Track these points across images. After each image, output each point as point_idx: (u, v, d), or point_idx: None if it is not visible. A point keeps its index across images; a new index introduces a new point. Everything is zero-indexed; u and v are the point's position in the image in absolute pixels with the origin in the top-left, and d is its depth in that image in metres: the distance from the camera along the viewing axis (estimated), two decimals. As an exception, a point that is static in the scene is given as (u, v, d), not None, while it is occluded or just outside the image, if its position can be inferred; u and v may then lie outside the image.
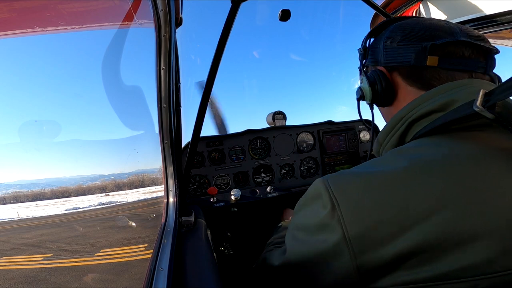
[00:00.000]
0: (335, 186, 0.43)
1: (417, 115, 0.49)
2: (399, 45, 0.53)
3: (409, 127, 0.51)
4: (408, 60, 0.52)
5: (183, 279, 0.65)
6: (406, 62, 0.52)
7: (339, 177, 0.45)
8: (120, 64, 0.95)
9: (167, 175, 1.00)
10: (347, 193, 0.42)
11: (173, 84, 0.88)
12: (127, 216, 4.35)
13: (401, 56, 0.53)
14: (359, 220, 0.39)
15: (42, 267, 2.83)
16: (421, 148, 0.44)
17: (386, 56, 0.56)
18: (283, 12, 0.85)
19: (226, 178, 1.44)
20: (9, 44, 0.78)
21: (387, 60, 0.56)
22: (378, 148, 0.59)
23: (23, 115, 1.75)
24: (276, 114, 1.58)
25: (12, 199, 1.81)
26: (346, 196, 0.42)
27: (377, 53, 0.58)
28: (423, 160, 0.40)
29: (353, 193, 0.41)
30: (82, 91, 2.81)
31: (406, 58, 0.52)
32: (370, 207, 0.39)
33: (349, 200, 0.41)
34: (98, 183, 3.25)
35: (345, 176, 0.44)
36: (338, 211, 0.41)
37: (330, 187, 0.43)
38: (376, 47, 0.59)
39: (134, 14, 0.83)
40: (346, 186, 0.42)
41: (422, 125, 0.49)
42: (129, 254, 3.25)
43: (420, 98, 0.50)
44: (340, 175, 0.45)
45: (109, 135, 5.09)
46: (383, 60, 0.56)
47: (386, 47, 0.55)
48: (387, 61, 0.56)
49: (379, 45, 0.58)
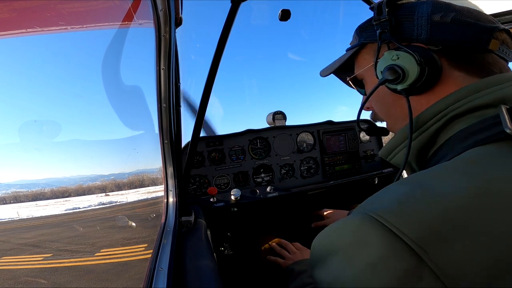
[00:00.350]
0: (408, 224, 0.29)
1: (465, 108, 0.40)
2: (454, 22, 0.44)
3: (447, 123, 0.42)
4: (467, 39, 0.43)
5: (183, 279, 0.65)
6: (463, 41, 0.43)
7: (400, 207, 0.31)
8: (120, 64, 0.95)
9: (167, 175, 1.00)
10: (433, 231, 0.28)
11: (173, 84, 0.88)
12: (127, 216, 4.36)
13: (456, 34, 0.44)
14: (465, 268, 0.27)
15: (42, 267, 2.83)
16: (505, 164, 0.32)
17: (433, 32, 0.45)
18: (283, 12, 0.85)
19: (226, 178, 1.44)
20: (9, 44, 0.78)
21: (434, 36, 0.45)
22: (392, 149, 0.50)
23: (23, 115, 1.76)
24: (276, 114, 1.58)
25: (12, 199, 1.82)
26: (434, 236, 0.28)
27: (414, 27, 0.47)
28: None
29: (439, 230, 0.28)
30: (82, 90, 2.82)
31: (464, 37, 0.43)
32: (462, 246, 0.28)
33: (439, 241, 0.28)
34: (98, 183, 3.25)
35: (409, 203, 0.31)
36: (430, 263, 0.27)
37: (399, 229, 0.29)
38: (409, 20, 0.48)
39: (134, 14, 0.83)
40: (426, 221, 0.29)
41: (466, 123, 0.40)
42: (129, 254, 3.26)
43: (474, 85, 0.41)
44: (401, 204, 0.31)
45: (109, 135, 5.12)
46: (425, 35, 0.46)
47: (433, 22, 0.45)
48: (433, 37, 0.45)
49: (418, 19, 0.47)
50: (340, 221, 0.36)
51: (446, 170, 0.34)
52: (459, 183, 0.31)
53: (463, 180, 0.31)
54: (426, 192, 0.31)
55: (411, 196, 0.32)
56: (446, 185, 0.31)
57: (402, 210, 0.30)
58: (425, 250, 0.27)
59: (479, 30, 0.43)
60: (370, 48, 0.54)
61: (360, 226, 0.32)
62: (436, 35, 0.45)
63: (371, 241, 0.30)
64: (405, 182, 0.35)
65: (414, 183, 0.34)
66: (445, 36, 0.45)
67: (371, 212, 0.32)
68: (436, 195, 0.30)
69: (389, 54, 0.47)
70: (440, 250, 0.27)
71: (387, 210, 0.31)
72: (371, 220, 0.31)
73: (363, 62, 0.55)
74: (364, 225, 0.31)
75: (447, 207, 0.29)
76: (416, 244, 0.28)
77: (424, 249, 0.27)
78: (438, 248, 0.27)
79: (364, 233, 0.31)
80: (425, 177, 0.35)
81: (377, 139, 1.70)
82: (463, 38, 0.44)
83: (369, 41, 0.53)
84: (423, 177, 0.35)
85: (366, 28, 0.54)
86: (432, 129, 0.43)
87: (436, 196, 0.30)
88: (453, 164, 0.35)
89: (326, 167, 1.58)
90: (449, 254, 0.27)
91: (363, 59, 0.55)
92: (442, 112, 0.42)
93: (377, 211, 0.31)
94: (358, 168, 1.63)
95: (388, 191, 0.36)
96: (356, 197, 1.65)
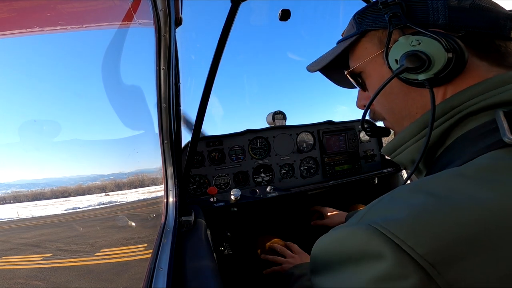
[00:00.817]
0: (418, 239, 0.27)
1: (483, 105, 0.36)
2: (473, 7, 0.41)
3: (459, 121, 0.38)
4: (489, 26, 0.40)
5: (182, 279, 0.65)
6: (485, 27, 0.40)
7: (411, 220, 0.28)
8: (120, 64, 0.95)
9: (167, 175, 1.00)
10: (445, 247, 0.26)
11: (173, 84, 0.88)
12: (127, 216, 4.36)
13: (476, 20, 0.40)
14: None
15: (42, 267, 2.83)
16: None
17: (452, 17, 0.41)
18: (283, 12, 0.85)
19: (226, 178, 1.44)
20: (9, 44, 0.78)
21: (454, 22, 0.41)
22: (397, 147, 0.47)
23: (23, 114, 1.76)
24: (276, 114, 1.58)
25: (12, 199, 1.82)
26: (446, 252, 0.26)
27: (429, 11, 0.43)
28: None
29: (453, 246, 0.26)
30: (82, 90, 2.82)
31: (486, 23, 0.40)
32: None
33: (451, 258, 0.26)
34: (98, 183, 3.26)
35: (421, 217, 0.28)
36: (439, 280, 0.25)
37: (406, 243, 0.27)
38: (421, 3, 0.44)
39: (134, 14, 0.83)
40: (438, 237, 0.26)
41: (479, 122, 0.37)
42: (128, 254, 3.26)
43: (498, 77, 0.37)
44: (412, 217, 0.28)
45: (109, 135, 5.13)
46: (443, 21, 0.41)
47: (451, 7, 0.42)
48: (453, 23, 0.41)
49: (433, 2, 0.43)
50: (343, 230, 0.34)
51: (461, 178, 0.31)
52: (478, 194, 0.28)
53: (482, 191, 0.28)
54: (440, 203, 0.29)
55: (423, 209, 0.29)
56: (463, 196, 0.28)
57: (412, 224, 0.28)
58: (434, 266, 0.26)
59: (501, 16, 0.40)
60: (373, 36, 0.48)
61: (365, 238, 0.30)
62: (456, 20, 0.41)
63: (376, 255, 0.29)
64: (415, 189, 0.32)
65: (426, 192, 0.31)
66: (466, 22, 0.41)
67: (376, 224, 0.30)
68: (452, 208, 0.28)
69: (406, 40, 0.42)
70: (451, 267, 0.25)
71: (395, 223, 0.28)
72: (376, 232, 0.29)
73: (364, 53, 0.50)
74: (369, 237, 0.29)
75: (464, 222, 0.27)
76: (425, 260, 0.26)
77: (433, 265, 0.26)
78: (449, 265, 0.25)
79: (369, 246, 0.29)
80: (437, 185, 0.31)
81: (377, 139, 1.70)
82: (485, 24, 0.40)
83: (371, 28, 0.47)
84: (435, 185, 0.31)
85: (367, 14, 0.49)
86: (445, 126, 0.39)
87: (451, 209, 0.28)
88: (467, 171, 0.31)
89: (326, 167, 1.58)
90: (461, 272, 0.25)
91: (363, 49, 0.50)
92: (461, 106, 0.37)
93: (383, 224, 0.29)
94: (358, 168, 1.63)
95: (395, 200, 0.33)
96: (356, 197, 1.65)
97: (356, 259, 0.31)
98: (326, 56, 0.56)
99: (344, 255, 0.32)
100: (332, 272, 0.35)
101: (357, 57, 0.51)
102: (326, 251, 0.36)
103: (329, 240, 0.36)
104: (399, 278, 0.27)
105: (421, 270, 0.26)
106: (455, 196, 0.29)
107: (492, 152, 0.32)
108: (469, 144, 0.36)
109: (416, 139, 0.43)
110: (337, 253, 0.34)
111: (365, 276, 0.29)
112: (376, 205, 0.34)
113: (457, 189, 0.29)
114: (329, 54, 0.55)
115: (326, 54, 0.57)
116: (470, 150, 0.35)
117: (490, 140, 0.33)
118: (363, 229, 0.30)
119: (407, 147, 0.45)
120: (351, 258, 0.32)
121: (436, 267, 0.26)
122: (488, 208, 0.27)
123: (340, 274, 0.33)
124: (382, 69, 0.47)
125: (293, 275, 0.79)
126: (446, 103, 0.39)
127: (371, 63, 0.49)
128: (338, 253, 0.34)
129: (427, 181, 0.32)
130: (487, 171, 0.30)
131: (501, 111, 0.33)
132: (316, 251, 0.38)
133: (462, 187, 0.29)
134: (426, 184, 0.32)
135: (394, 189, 0.35)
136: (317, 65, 0.57)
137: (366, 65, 0.50)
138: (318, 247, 0.38)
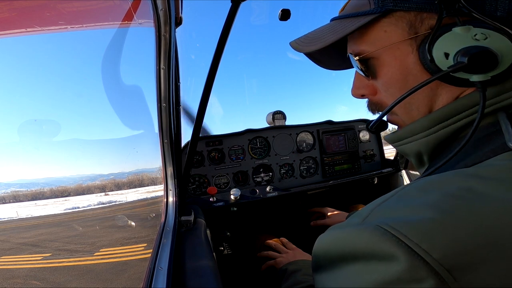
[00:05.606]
0: (432, 242, 0.25)
1: (497, 107, 0.34)
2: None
3: (471, 122, 0.36)
4: None
5: (182, 279, 0.65)
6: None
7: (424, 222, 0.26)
8: (120, 63, 0.95)
9: (166, 174, 1.00)
10: (461, 251, 0.25)
11: (173, 84, 0.88)
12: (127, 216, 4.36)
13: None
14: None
15: (41, 267, 2.83)
16: None
17: (502, 7, 0.36)
18: (283, 12, 0.85)
19: (225, 178, 1.44)
20: (9, 44, 0.78)
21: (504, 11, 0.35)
22: (405, 136, 0.43)
23: (23, 114, 1.76)
24: (275, 113, 1.58)
25: (11, 198, 1.81)
26: (462, 257, 0.25)
27: (487, 1, 0.36)
28: None
29: (469, 250, 0.25)
30: (82, 90, 2.82)
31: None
32: None
33: (467, 262, 0.25)
34: (98, 182, 3.25)
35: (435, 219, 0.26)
36: (452, 285, 0.24)
37: (420, 246, 0.25)
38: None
39: (134, 14, 0.83)
40: (453, 240, 0.25)
41: (482, 123, 0.35)
42: (128, 253, 3.26)
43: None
44: (425, 219, 0.26)
45: (109, 135, 5.12)
46: (502, 13, 0.36)
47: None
48: (511, 17, 0.35)
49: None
50: (346, 229, 0.32)
51: (477, 178, 0.29)
52: (499, 195, 0.26)
53: (503, 192, 0.27)
54: (455, 204, 0.27)
55: (437, 210, 0.27)
56: (481, 197, 0.27)
57: (426, 226, 0.26)
58: (449, 272, 0.24)
59: None
60: (400, 18, 0.39)
61: (373, 239, 0.28)
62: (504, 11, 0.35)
63: (387, 257, 0.27)
64: (425, 188, 0.30)
65: (438, 192, 0.29)
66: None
67: (385, 224, 0.28)
68: (469, 209, 0.26)
69: (466, 31, 0.35)
70: (469, 273, 0.24)
71: (407, 225, 0.27)
72: (386, 234, 0.27)
73: (382, 36, 0.41)
74: (378, 239, 0.28)
75: (482, 224, 0.25)
76: (441, 265, 0.24)
77: (449, 270, 0.24)
78: (467, 271, 0.24)
79: (379, 248, 0.28)
80: (450, 185, 0.29)
81: (376, 138, 1.71)
82: None
83: (401, 8, 0.39)
84: (447, 185, 0.29)
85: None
86: (465, 121, 0.37)
87: (469, 210, 0.26)
88: (482, 171, 0.30)
89: (325, 167, 1.58)
90: (478, 278, 0.24)
91: (381, 32, 0.41)
92: (492, 99, 0.34)
93: (393, 225, 0.27)
94: (358, 168, 1.63)
95: (403, 199, 0.31)
96: (356, 197, 1.65)
97: (362, 259, 0.30)
98: (324, 35, 0.47)
99: (349, 255, 0.31)
100: (335, 271, 0.33)
101: (370, 40, 0.43)
102: (329, 249, 0.35)
103: (332, 238, 0.35)
104: (411, 283, 0.26)
105: (436, 276, 0.25)
106: (473, 197, 0.27)
107: (504, 154, 0.30)
108: (477, 145, 0.34)
109: (426, 133, 0.40)
110: (341, 252, 0.32)
111: (372, 277, 0.28)
112: (382, 205, 0.32)
113: (475, 190, 0.28)
114: (328, 33, 0.46)
115: (323, 32, 0.48)
116: (481, 152, 0.33)
117: (496, 142, 0.32)
118: (371, 229, 0.29)
119: (415, 140, 0.42)
120: (357, 258, 0.30)
121: (452, 273, 0.24)
122: (508, 211, 0.25)
123: (344, 272, 0.32)
124: (407, 59, 0.40)
125: (287, 271, 0.80)
126: (466, 101, 0.36)
127: (391, 50, 0.41)
128: (341, 252, 0.32)
129: (437, 181, 0.31)
130: (505, 172, 0.28)
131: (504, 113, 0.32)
132: (318, 249, 0.37)
133: (480, 188, 0.27)
134: (436, 184, 0.30)
135: (399, 188, 0.34)
136: (312, 44, 0.48)
137: (383, 51, 0.42)
138: (320, 245, 0.37)
